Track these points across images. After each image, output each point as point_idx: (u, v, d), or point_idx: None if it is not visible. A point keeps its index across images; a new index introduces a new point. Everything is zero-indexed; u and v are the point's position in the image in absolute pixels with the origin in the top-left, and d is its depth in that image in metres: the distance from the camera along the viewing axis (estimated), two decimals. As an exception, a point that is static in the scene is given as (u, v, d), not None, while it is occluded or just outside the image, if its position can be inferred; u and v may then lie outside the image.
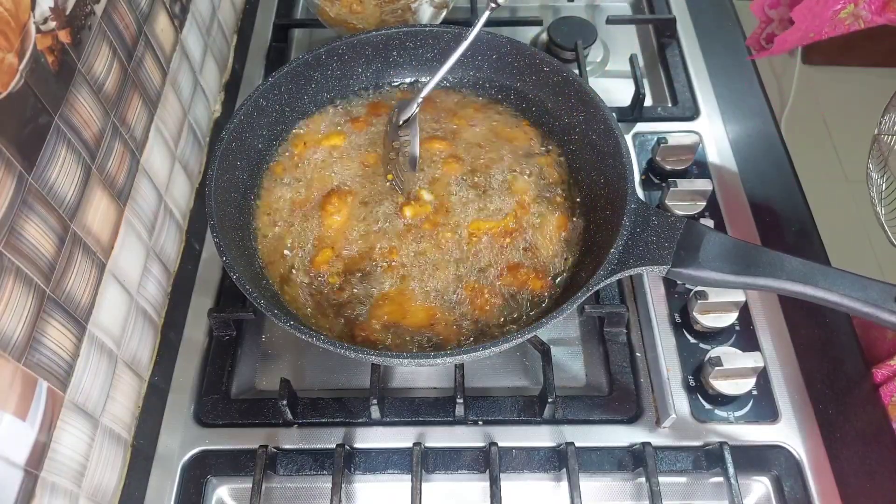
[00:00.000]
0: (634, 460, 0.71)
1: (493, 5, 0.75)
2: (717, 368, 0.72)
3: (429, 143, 0.82)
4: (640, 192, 0.90)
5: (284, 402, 0.71)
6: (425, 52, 0.88)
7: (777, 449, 0.73)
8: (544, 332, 0.78)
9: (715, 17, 1.12)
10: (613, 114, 0.76)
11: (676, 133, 0.92)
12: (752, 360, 0.72)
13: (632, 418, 0.74)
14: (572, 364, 0.79)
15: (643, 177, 0.93)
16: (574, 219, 0.79)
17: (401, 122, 0.81)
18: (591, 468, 0.71)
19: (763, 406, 0.75)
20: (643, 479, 0.70)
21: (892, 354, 0.76)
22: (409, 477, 0.69)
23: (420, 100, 0.80)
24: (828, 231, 0.89)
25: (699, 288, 0.77)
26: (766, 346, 0.79)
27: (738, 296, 0.76)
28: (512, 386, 0.78)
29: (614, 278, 0.67)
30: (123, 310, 0.69)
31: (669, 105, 1.01)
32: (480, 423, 0.74)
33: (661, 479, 0.69)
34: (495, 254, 0.75)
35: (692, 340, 0.79)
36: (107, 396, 0.65)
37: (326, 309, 0.73)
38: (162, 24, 0.78)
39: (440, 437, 0.73)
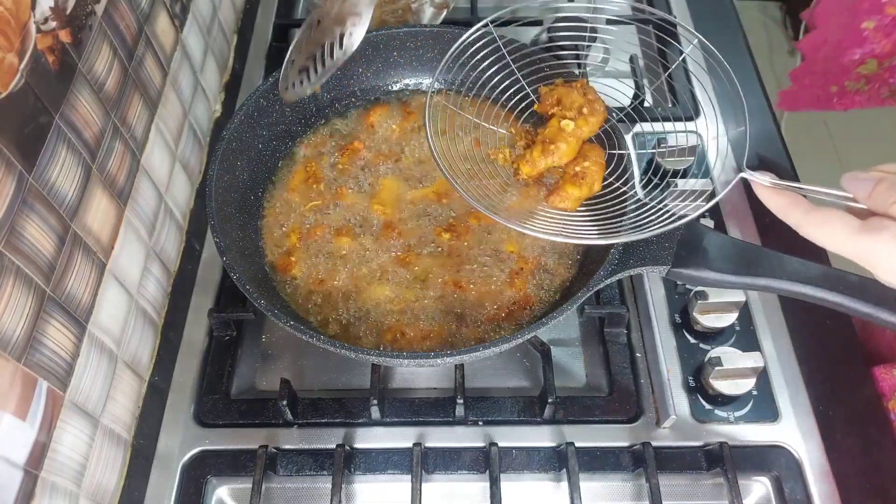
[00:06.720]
0: (634, 460, 0.71)
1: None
2: (717, 368, 0.72)
3: None
4: (640, 192, 0.90)
5: (284, 403, 0.71)
6: (426, 53, 0.88)
7: (777, 449, 0.73)
8: (544, 333, 0.78)
9: (715, 17, 1.12)
10: (613, 113, 0.76)
11: (676, 133, 0.92)
12: (752, 360, 0.72)
13: (632, 418, 0.74)
14: (572, 364, 0.79)
15: (643, 177, 0.92)
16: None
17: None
18: (591, 468, 0.71)
19: (763, 406, 0.75)
20: (643, 480, 0.70)
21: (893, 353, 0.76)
22: (409, 477, 0.69)
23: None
24: (828, 231, 0.88)
25: (699, 288, 0.77)
26: (766, 346, 0.78)
27: (738, 296, 0.76)
28: (512, 386, 0.78)
29: (614, 278, 0.67)
30: (123, 310, 0.69)
31: (669, 105, 1.01)
32: (480, 423, 0.74)
33: (661, 479, 0.69)
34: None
35: (692, 341, 0.79)
36: (107, 396, 0.65)
37: None
38: (162, 24, 0.78)
39: (440, 438, 0.73)
